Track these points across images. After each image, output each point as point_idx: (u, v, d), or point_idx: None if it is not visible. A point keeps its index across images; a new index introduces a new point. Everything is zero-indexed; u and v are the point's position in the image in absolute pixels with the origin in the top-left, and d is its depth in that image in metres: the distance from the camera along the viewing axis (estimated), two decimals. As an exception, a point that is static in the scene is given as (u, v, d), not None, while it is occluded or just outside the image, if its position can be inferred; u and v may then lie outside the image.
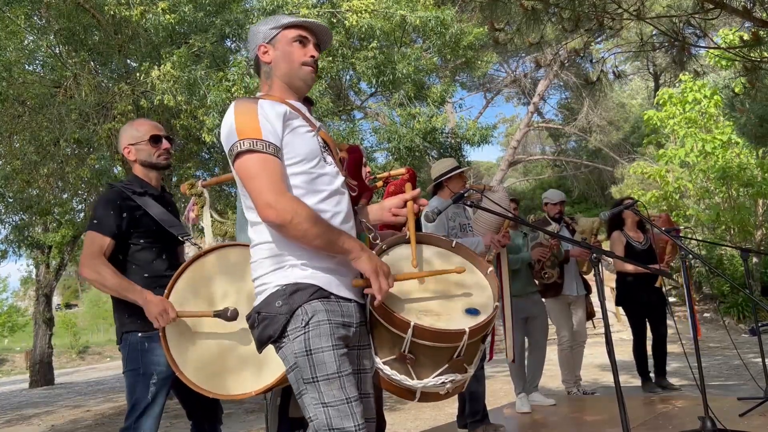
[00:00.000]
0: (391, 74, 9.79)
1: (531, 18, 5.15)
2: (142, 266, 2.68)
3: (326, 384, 1.70)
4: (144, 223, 2.70)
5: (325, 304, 1.78)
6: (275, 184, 1.74)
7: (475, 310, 1.94)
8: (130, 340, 2.63)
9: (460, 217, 4.33)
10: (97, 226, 2.61)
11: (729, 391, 5.81)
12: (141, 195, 2.73)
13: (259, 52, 1.97)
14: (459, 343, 1.85)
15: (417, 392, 1.93)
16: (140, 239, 2.69)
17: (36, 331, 18.07)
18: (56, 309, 28.62)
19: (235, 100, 1.90)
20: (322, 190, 1.87)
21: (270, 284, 1.80)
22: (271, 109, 1.83)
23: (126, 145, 2.80)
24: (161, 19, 8.15)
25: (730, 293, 14.86)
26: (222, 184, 12.82)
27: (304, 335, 1.73)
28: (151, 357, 2.59)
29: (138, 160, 2.80)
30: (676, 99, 14.13)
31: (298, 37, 1.96)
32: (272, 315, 1.77)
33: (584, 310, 5.78)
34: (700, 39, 5.73)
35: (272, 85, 1.97)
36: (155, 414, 2.58)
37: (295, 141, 1.85)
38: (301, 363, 1.73)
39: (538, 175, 34.46)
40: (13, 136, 9.58)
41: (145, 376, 2.58)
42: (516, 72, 28.47)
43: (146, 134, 2.80)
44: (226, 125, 1.83)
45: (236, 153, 1.77)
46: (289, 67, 1.95)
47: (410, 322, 1.78)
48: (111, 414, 10.32)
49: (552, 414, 4.87)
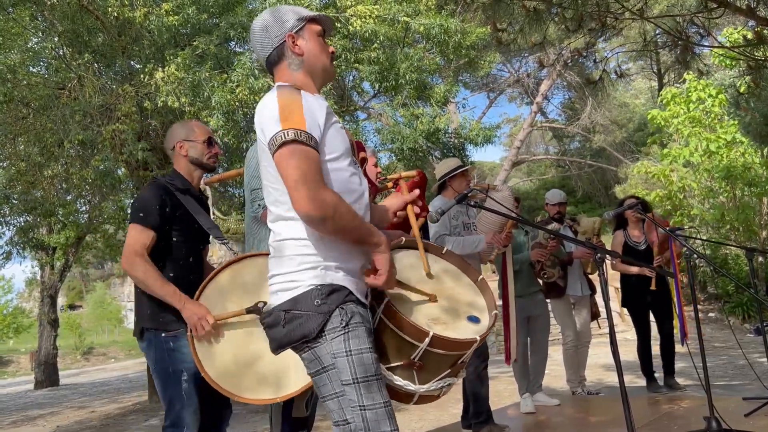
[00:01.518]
0: (394, 79, 9.80)
1: (533, 18, 5.15)
2: (173, 263, 2.69)
3: (366, 386, 1.68)
4: (183, 221, 2.71)
5: (357, 307, 1.76)
6: (316, 178, 1.68)
7: (476, 318, 1.98)
8: (155, 340, 2.64)
9: (463, 216, 4.33)
10: (143, 219, 2.60)
11: (734, 391, 5.79)
12: (183, 193, 2.76)
13: (287, 41, 1.89)
14: (467, 351, 1.89)
15: (416, 396, 1.94)
16: (173, 238, 2.69)
17: (41, 332, 18.14)
18: (61, 310, 28.69)
19: (276, 86, 1.83)
20: (354, 190, 1.84)
21: (302, 282, 1.73)
22: (314, 101, 1.79)
23: (180, 141, 2.82)
24: (165, 20, 8.17)
25: (735, 293, 14.82)
26: (225, 185, 12.85)
27: (344, 335, 1.69)
28: (178, 355, 2.61)
29: (189, 156, 2.82)
30: (680, 98, 14.09)
31: (321, 32, 1.94)
32: (308, 314, 1.70)
33: (588, 310, 5.77)
34: (704, 38, 5.71)
35: (298, 78, 1.89)
36: (194, 406, 2.62)
37: (336, 136, 1.82)
38: (341, 364, 1.69)
39: (541, 175, 34.44)
40: (17, 137, 9.62)
41: (175, 373, 2.60)
42: (519, 72, 28.47)
43: (202, 135, 2.85)
44: (267, 112, 1.76)
45: (280, 143, 1.69)
46: (321, 61, 1.92)
47: (429, 332, 1.79)
48: (116, 415, 10.34)
49: (556, 414, 4.86)
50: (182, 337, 2.58)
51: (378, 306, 1.87)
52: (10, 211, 11.99)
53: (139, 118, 8.98)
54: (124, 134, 8.50)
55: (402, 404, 1.98)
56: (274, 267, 1.81)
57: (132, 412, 10.48)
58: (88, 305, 43.91)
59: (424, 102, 11.28)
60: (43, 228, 14.68)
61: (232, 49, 9.98)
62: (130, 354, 32.00)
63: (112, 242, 15.22)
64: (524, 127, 26.01)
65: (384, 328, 1.87)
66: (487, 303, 2.07)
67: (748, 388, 5.87)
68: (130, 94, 8.63)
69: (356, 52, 9.90)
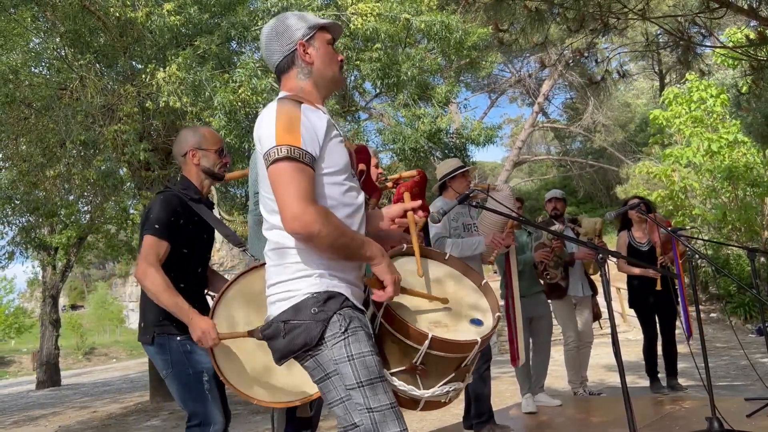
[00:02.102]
0: (395, 77, 9.79)
1: (535, 18, 5.15)
2: (184, 274, 2.68)
3: (371, 388, 1.68)
4: (195, 230, 2.70)
5: (355, 312, 1.77)
6: (305, 195, 1.69)
7: (479, 321, 2.00)
8: (170, 345, 2.63)
9: (464, 217, 4.32)
10: (158, 231, 2.59)
11: (736, 392, 5.78)
12: (197, 202, 2.75)
13: (299, 49, 1.88)
14: (470, 353, 1.89)
15: (421, 402, 1.94)
16: (183, 249, 2.68)
17: (42, 333, 18.17)
18: (62, 310, 28.73)
19: (277, 99, 1.83)
20: (351, 204, 1.84)
21: (299, 291, 1.74)
22: (315, 117, 1.79)
23: (193, 149, 2.79)
24: (166, 20, 8.17)
25: (736, 293, 14.80)
26: (227, 185, 12.85)
27: (344, 341, 1.70)
28: (196, 357, 2.62)
29: (201, 165, 2.79)
30: (682, 98, 14.08)
31: (332, 40, 1.93)
32: (306, 323, 1.71)
33: (590, 310, 5.76)
34: (706, 38, 5.71)
35: (305, 87, 1.89)
36: (218, 403, 2.64)
37: (335, 151, 1.82)
38: (343, 369, 1.70)
39: (542, 176, 34.43)
40: (19, 138, 9.64)
41: (195, 374, 2.61)
42: (520, 72, 28.47)
43: (214, 145, 2.82)
44: (265, 126, 1.77)
45: (274, 159, 1.71)
46: (331, 71, 1.91)
47: (428, 334, 1.80)
48: (118, 415, 10.35)
49: (558, 415, 4.86)
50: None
51: (378, 311, 1.87)
52: (13, 212, 12.00)
53: (141, 119, 8.99)
54: (125, 135, 8.50)
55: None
56: (271, 276, 1.83)
57: (134, 412, 10.49)
58: (90, 305, 43.98)
59: (425, 102, 11.27)
60: (44, 228, 14.69)
61: (234, 49, 9.99)
62: (131, 354, 32.06)
63: (113, 242, 15.24)
64: (526, 127, 26.00)
65: (385, 333, 1.88)
66: (491, 305, 2.08)
67: (750, 388, 5.87)
68: (132, 95, 8.64)
69: (358, 52, 9.90)
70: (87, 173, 9.40)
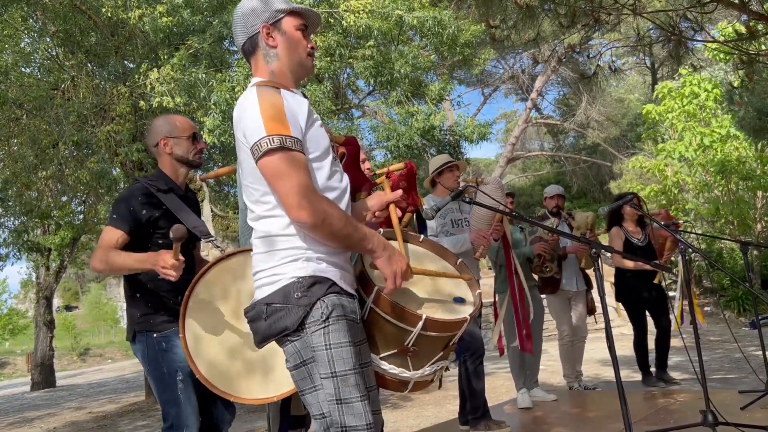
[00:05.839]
0: (389, 74, 9.78)
1: (526, 14, 5.16)
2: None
3: (343, 380, 1.68)
4: (164, 221, 2.65)
5: (340, 298, 1.75)
6: (306, 184, 1.68)
7: (461, 299, 2.03)
8: (147, 342, 2.62)
9: (453, 213, 4.32)
10: (114, 222, 2.59)
11: (730, 385, 5.82)
12: (165, 192, 2.69)
13: (261, 32, 1.86)
14: (458, 331, 1.92)
15: (410, 383, 1.95)
16: (159, 239, 2.64)
17: (37, 334, 18.10)
18: (56, 311, 28.62)
19: (255, 86, 1.79)
20: (336, 188, 1.83)
21: (284, 275, 1.73)
22: (295, 102, 1.78)
23: (164, 137, 2.74)
24: (159, 22, 8.13)
25: (730, 286, 14.86)
26: (220, 183, 12.81)
27: (323, 329, 1.70)
28: (172, 355, 2.59)
29: (173, 154, 2.74)
30: (675, 93, 14.13)
31: (301, 25, 1.91)
32: (288, 306, 1.70)
33: (584, 305, 5.78)
34: (697, 33, 5.73)
35: (274, 71, 1.87)
36: (192, 405, 2.59)
37: (317, 135, 1.80)
38: (320, 357, 1.69)
39: (536, 172, 34.43)
40: (11, 139, 9.59)
41: (170, 374, 2.58)
42: (513, 68, 28.48)
43: (186, 131, 2.77)
44: (248, 114, 1.74)
45: (266, 150, 1.68)
46: (298, 55, 1.89)
47: (422, 315, 1.81)
48: (113, 416, 10.32)
49: (553, 409, 4.87)
50: (174, 337, 2.56)
51: (368, 296, 1.87)
52: (5, 213, 11.94)
53: (134, 119, 8.95)
54: (119, 135, 8.47)
55: (399, 402, 1.99)
56: (258, 263, 1.81)
57: (129, 412, 10.47)
58: (84, 306, 43.86)
59: (419, 99, 11.27)
60: (38, 229, 14.62)
61: (227, 48, 9.95)
62: (126, 354, 31.93)
63: (107, 243, 15.14)
64: (519, 123, 25.99)
65: (375, 317, 1.88)
66: (469, 283, 2.11)
67: (744, 381, 5.91)
68: (125, 95, 8.60)
69: (351, 49, 9.89)
70: (80, 174, 9.37)
